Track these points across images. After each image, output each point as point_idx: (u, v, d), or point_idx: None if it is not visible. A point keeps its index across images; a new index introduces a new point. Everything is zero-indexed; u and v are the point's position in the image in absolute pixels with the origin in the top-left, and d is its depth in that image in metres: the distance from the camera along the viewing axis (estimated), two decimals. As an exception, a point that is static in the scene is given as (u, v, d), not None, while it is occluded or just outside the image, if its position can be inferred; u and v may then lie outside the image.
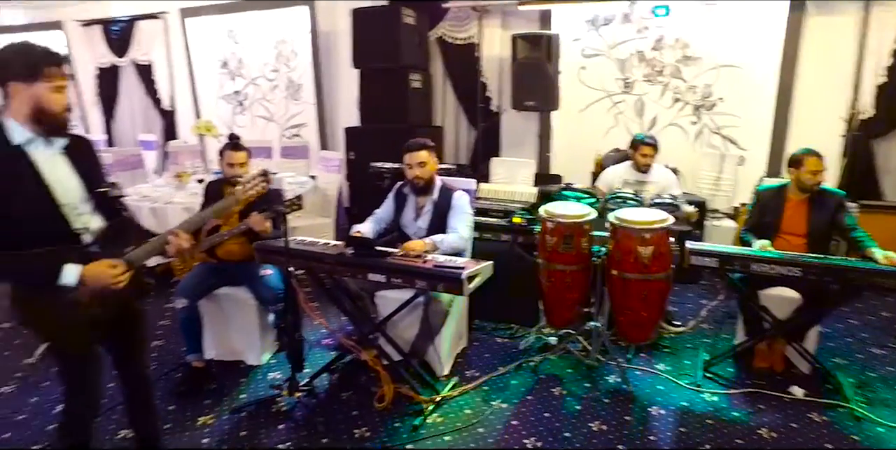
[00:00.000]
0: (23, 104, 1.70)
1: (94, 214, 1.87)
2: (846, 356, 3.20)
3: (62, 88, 1.73)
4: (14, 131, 1.72)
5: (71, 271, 1.72)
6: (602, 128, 5.36)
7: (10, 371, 3.18)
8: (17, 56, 1.68)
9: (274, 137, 6.78)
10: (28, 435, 2.60)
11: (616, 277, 2.80)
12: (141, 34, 7.35)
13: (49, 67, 1.69)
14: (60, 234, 1.78)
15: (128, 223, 1.95)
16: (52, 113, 1.72)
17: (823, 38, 4.54)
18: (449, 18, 5.58)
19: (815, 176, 2.97)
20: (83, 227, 1.82)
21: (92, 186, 1.85)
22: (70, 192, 1.80)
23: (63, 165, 1.81)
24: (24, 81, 1.68)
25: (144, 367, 2.18)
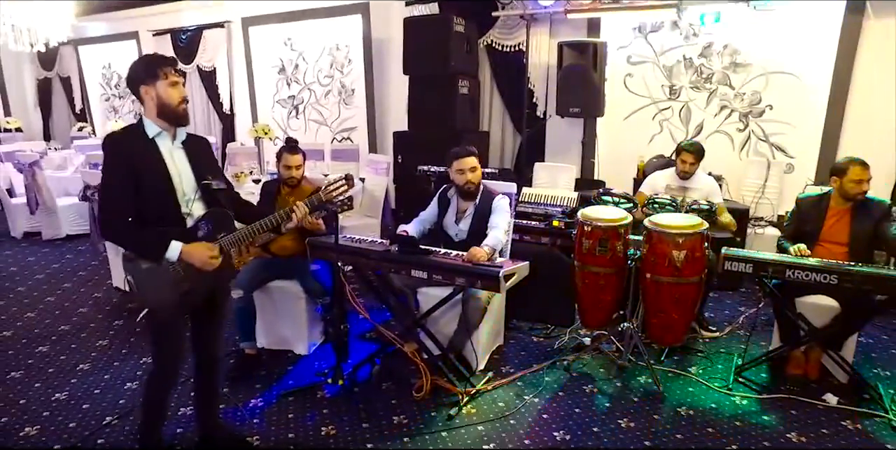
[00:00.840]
0: (151, 103, 2.05)
1: (200, 202, 2.16)
2: (889, 368, 3.16)
3: (177, 84, 2.06)
4: (148, 127, 2.08)
5: (175, 248, 2.04)
6: (647, 135, 5.39)
7: (88, 350, 3.50)
8: (140, 65, 2.07)
9: (325, 141, 7.09)
10: (103, 406, 2.88)
11: (649, 281, 2.87)
12: (206, 42, 7.83)
13: (164, 68, 2.03)
14: (171, 215, 2.09)
15: (222, 214, 2.20)
16: (171, 106, 2.05)
17: (883, 42, 4.43)
18: (498, 26, 5.73)
19: (860, 185, 2.96)
20: (188, 212, 2.13)
21: (201, 178, 2.15)
22: (184, 180, 2.12)
23: (181, 157, 2.14)
24: (148, 83, 2.03)
25: (216, 348, 2.43)
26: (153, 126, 2.08)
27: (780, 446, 2.50)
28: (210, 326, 2.36)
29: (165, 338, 2.22)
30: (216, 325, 2.39)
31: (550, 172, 4.99)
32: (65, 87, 10.19)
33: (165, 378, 2.27)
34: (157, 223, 2.07)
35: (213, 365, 2.44)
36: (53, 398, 2.95)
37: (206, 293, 2.23)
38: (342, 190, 2.45)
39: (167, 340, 2.22)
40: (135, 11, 8.39)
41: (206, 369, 2.43)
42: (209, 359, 2.41)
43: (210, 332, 2.37)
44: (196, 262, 2.07)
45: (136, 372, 3.22)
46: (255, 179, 4.88)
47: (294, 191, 3.44)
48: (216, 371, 2.47)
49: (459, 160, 3.18)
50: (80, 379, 3.16)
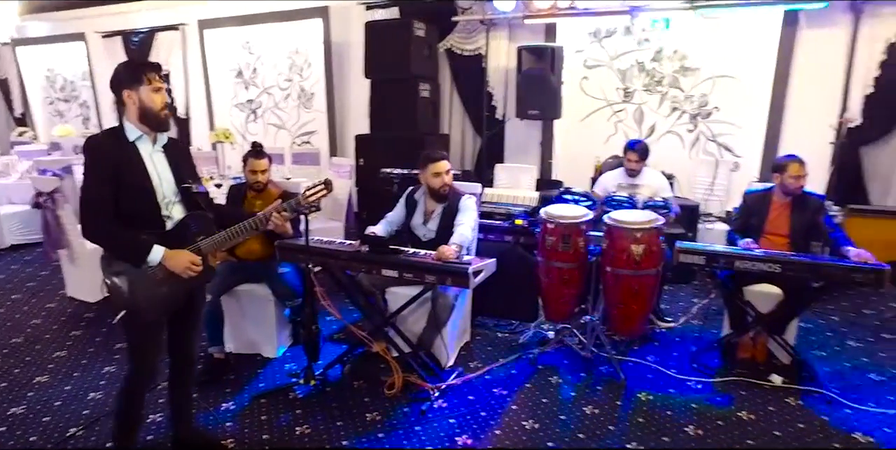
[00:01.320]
0: (133, 108, 2.08)
1: (179, 205, 2.19)
2: (825, 349, 3.41)
3: (160, 90, 2.10)
4: (129, 130, 2.11)
5: (157, 252, 2.08)
6: (603, 135, 5.60)
7: (44, 362, 3.41)
8: (125, 69, 2.10)
9: (285, 144, 7.06)
10: (66, 418, 2.82)
11: (610, 274, 3.02)
12: (160, 45, 7.68)
13: (148, 73, 2.07)
14: (152, 217, 2.12)
15: (203, 217, 2.23)
16: (153, 111, 2.08)
17: (815, 50, 4.77)
18: (458, 31, 5.85)
19: (798, 180, 3.18)
20: (168, 214, 2.15)
21: (181, 181, 2.18)
22: (164, 183, 2.15)
23: (161, 161, 2.17)
24: (132, 88, 2.06)
25: (193, 349, 2.44)
26: (134, 130, 2.10)
27: (732, 424, 2.68)
28: (187, 327, 2.37)
29: (143, 340, 2.22)
30: (193, 326, 2.40)
31: (511, 172, 5.12)
32: (2, 90, 9.78)
33: (142, 381, 2.27)
34: (137, 225, 2.09)
35: (188, 367, 2.45)
36: (10, 413, 2.86)
37: (185, 296, 2.25)
38: (321, 195, 2.48)
39: (145, 342, 2.22)
40: (81, 12, 8.14)
41: (182, 372, 2.44)
42: (185, 361, 2.42)
43: (187, 333, 2.38)
44: (177, 268, 2.10)
45: (98, 382, 3.16)
46: (216, 184, 4.84)
47: (260, 195, 3.46)
48: (191, 373, 2.49)
49: (435, 164, 3.26)
50: (37, 392, 3.07)
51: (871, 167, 4.77)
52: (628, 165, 3.98)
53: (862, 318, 3.76)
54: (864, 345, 3.48)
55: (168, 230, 2.15)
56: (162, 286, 2.13)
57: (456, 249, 2.89)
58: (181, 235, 2.18)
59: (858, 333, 3.58)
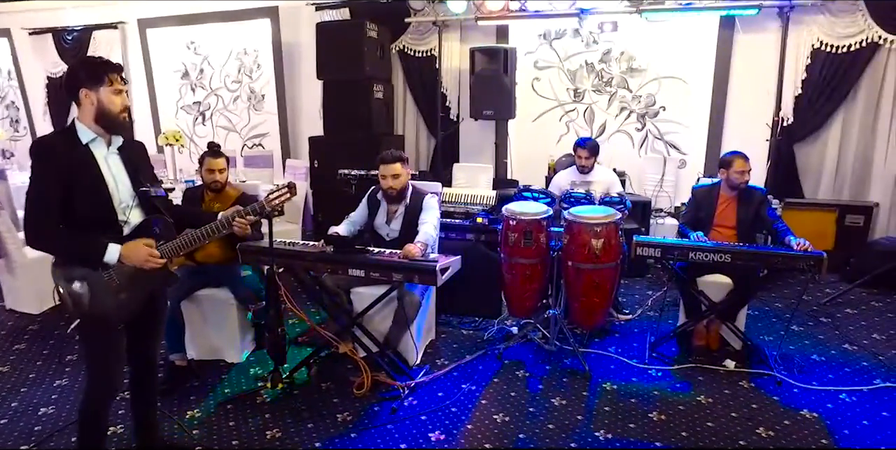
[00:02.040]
0: (90, 108, 1.97)
1: (137, 209, 2.10)
2: (771, 333, 3.62)
3: (121, 92, 2.00)
4: (82, 132, 1.99)
5: (113, 250, 1.98)
6: (555, 135, 5.74)
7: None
8: (84, 66, 1.98)
9: (236, 147, 6.89)
10: (15, 436, 2.68)
11: (571, 268, 3.11)
12: (97, 44, 7.33)
13: (110, 73, 1.97)
14: (108, 222, 2.03)
15: (162, 221, 2.15)
16: (112, 114, 1.98)
17: (750, 53, 5.05)
18: (410, 32, 5.87)
19: (742, 175, 3.37)
20: (125, 219, 2.06)
21: (138, 184, 2.09)
22: (121, 187, 2.05)
23: (117, 163, 2.06)
24: (91, 87, 1.95)
25: (154, 354, 2.36)
26: (87, 132, 2.00)
27: (692, 408, 2.81)
28: (148, 334, 2.29)
29: (103, 349, 2.12)
30: (154, 333, 2.33)
31: (469, 172, 5.18)
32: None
33: (105, 392, 2.16)
34: (93, 231, 2.00)
35: (150, 375, 2.37)
36: (-49, 434, 2.69)
37: (145, 301, 2.16)
38: (285, 199, 2.40)
39: (105, 351, 2.12)
40: (4, 6, 7.64)
41: (144, 380, 2.35)
42: (147, 369, 2.34)
43: (148, 340, 2.31)
44: (136, 261, 2.01)
45: (50, 396, 3.01)
46: (167, 188, 4.66)
47: (219, 196, 3.38)
48: (154, 382, 2.41)
49: (384, 166, 3.26)
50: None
51: (804, 163, 5.09)
52: (579, 162, 4.11)
53: (802, 304, 4.01)
54: (805, 329, 3.72)
55: (125, 235, 2.06)
56: (121, 292, 2.04)
57: (422, 246, 2.92)
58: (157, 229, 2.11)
59: (800, 319, 3.82)
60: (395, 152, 3.29)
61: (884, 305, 4.12)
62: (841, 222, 4.77)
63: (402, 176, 3.27)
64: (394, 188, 3.27)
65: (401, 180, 3.27)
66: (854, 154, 4.90)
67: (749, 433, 2.60)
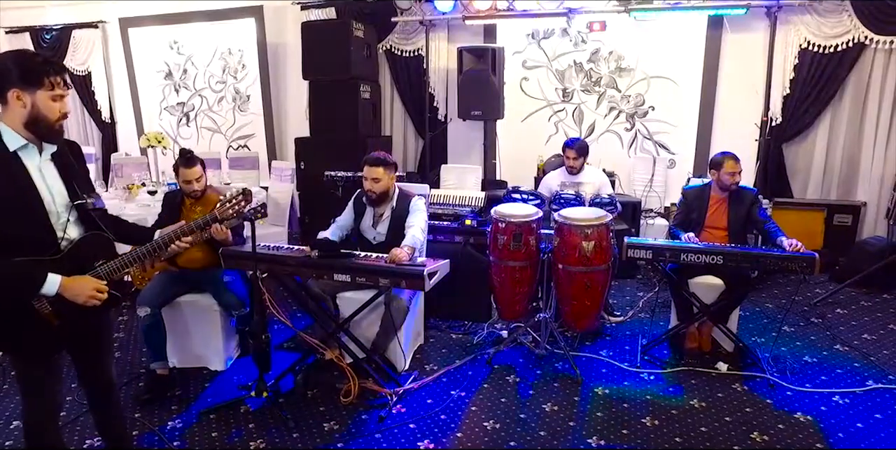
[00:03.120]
0: (20, 111, 1.72)
1: (75, 224, 1.87)
2: (763, 335, 3.59)
3: (62, 97, 1.77)
4: (8, 137, 1.74)
5: (53, 281, 1.74)
6: (544, 135, 5.70)
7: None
8: (18, 64, 1.71)
9: (221, 149, 6.78)
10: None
11: (562, 271, 3.06)
12: (77, 43, 7.18)
13: (50, 76, 1.72)
14: (43, 241, 1.79)
15: (102, 239, 1.92)
16: (47, 120, 1.75)
17: (739, 53, 5.05)
18: (397, 31, 5.80)
19: (733, 177, 3.34)
20: (63, 236, 1.82)
21: (75, 194, 1.86)
22: (56, 199, 1.82)
23: (51, 173, 1.83)
24: (24, 89, 1.70)
25: (110, 373, 2.15)
26: (16, 137, 1.74)
27: (685, 412, 2.77)
28: (97, 353, 2.07)
29: (33, 381, 1.88)
30: (102, 351, 2.10)
31: (457, 173, 5.12)
32: None
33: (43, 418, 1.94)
34: (24, 251, 1.74)
35: (109, 394, 2.15)
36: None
37: (82, 326, 1.92)
38: (238, 207, 2.23)
39: (35, 383, 1.88)
40: (-23, 4, 7.50)
41: (103, 399, 2.15)
42: (103, 388, 2.13)
43: (97, 360, 2.08)
44: (79, 298, 1.77)
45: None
46: (149, 191, 4.57)
47: (199, 201, 3.28)
48: (115, 399, 2.20)
49: (366, 168, 3.19)
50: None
51: (792, 163, 5.09)
52: (568, 163, 4.07)
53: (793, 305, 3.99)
54: (797, 330, 3.70)
55: (61, 255, 1.80)
56: (52, 320, 1.79)
57: (409, 250, 2.86)
58: (77, 260, 1.83)
59: (791, 320, 3.80)
60: (380, 155, 3.21)
61: (873, 304, 4.11)
62: (829, 222, 4.78)
63: (383, 181, 3.18)
64: (373, 191, 3.20)
65: (381, 185, 3.19)
66: (841, 154, 4.91)
67: (743, 438, 2.56)
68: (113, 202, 4.55)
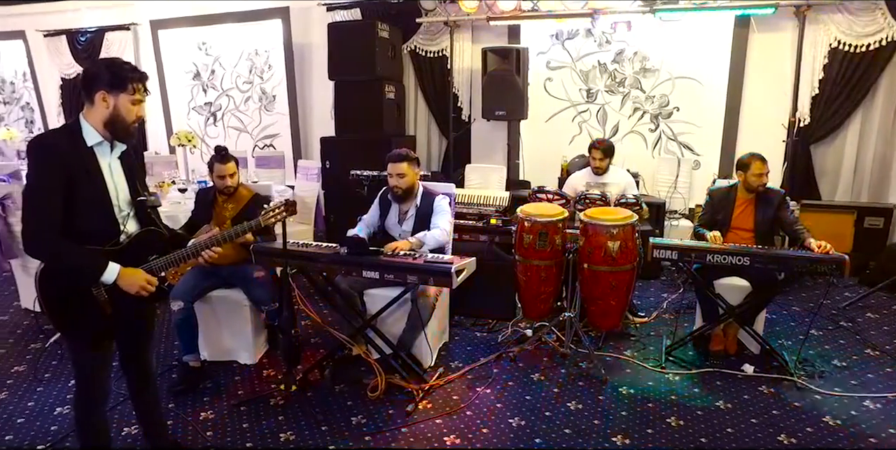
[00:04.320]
0: (103, 111, 1.88)
1: (134, 219, 2.02)
2: (790, 338, 3.56)
3: (140, 102, 1.92)
4: (87, 133, 1.90)
5: (112, 270, 1.89)
6: (567, 136, 5.69)
7: (3, 378, 3.23)
8: (109, 69, 1.88)
9: (247, 148, 6.89)
10: (31, 436, 2.69)
11: (587, 270, 3.07)
12: (110, 45, 7.36)
13: (134, 83, 1.88)
14: (107, 233, 1.94)
15: (156, 234, 2.06)
16: (124, 122, 1.90)
17: (766, 53, 4.99)
18: (422, 32, 5.84)
19: (760, 178, 3.32)
20: (123, 229, 1.98)
21: (136, 192, 2.02)
22: (121, 195, 1.98)
23: (118, 170, 1.99)
24: (111, 91, 1.86)
25: (151, 361, 2.30)
26: (94, 134, 1.90)
27: (711, 413, 2.77)
28: (139, 343, 2.23)
29: (89, 361, 2.04)
30: (145, 342, 2.26)
31: (482, 173, 5.15)
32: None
33: (93, 402, 2.11)
34: (90, 241, 1.90)
35: (147, 382, 2.31)
36: (-32, 433, 2.69)
37: (132, 314, 2.07)
38: (281, 217, 2.38)
39: (91, 363, 2.04)
40: (19, 8, 7.70)
41: (143, 388, 2.31)
42: (144, 377, 2.29)
43: (140, 350, 2.25)
44: (131, 288, 1.91)
45: (65, 396, 3.02)
46: (180, 189, 4.68)
47: (231, 198, 3.37)
48: (153, 388, 2.34)
49: (391, 165, 3.25)
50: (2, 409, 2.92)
51: (821, 164, 5.02)
52: (594, 164, 4.07)
53: (822, 308, 3.95)
54: (825, 333, 3.66)
55: (120, 247, 1.95)
56: (107, 307, 1.94)
57: (413, 241, 2.99)
58: (134, 252, 1.98)
59: (819, 323, 3.76)
60: (402, 151, 3.27)
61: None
62: (860, 224, 4.70)
63: (409, 176, 3.24)
64: (399, 187, 3.26)
65: (406, 180, 3.25)
66: (873, 155, 4.83)
67: (770, 440, 2.55)
68: (145, 200, 4.66)
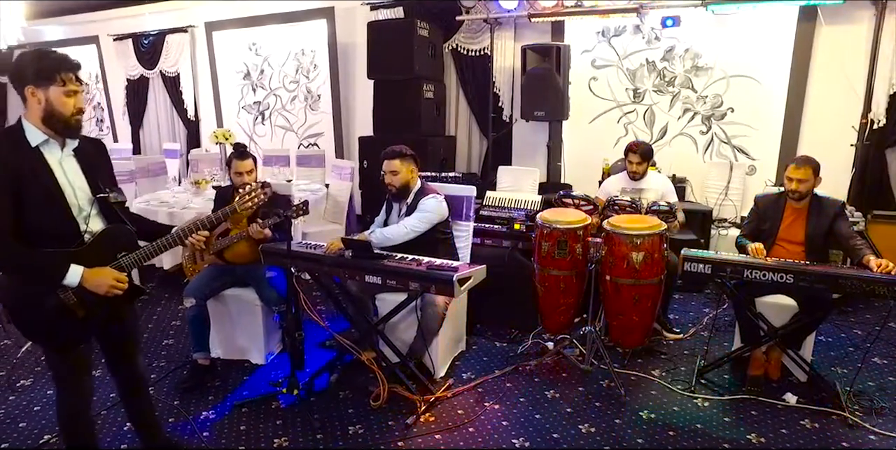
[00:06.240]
0: (36, 107, 1.79)
1: (98, 217, 1.94)
2: (846, 365, 3.17)
3: (74, 93, 1.82)
4: (30, 133, 1.82)
5: (75, 272, 1.81)
6: (612, 137, 5.40)
7: (31, 365, 3.34)
8: (33, 62, 1.79)
9: (292, 147, 6.98)
10: (43, 424, 2.74)
11: (609, 283, 2.84)
12: (169, 47, 7.66)
13: (63, 73, 1.79)
14: (66, 233, 1.86)
15: (124, 231, 1.97)
16: (62, 116, 1.80)
17: (835, 47, 4.54)
18: (462, 30, 5.71)
19: (790, 183, 2.95)
20: (86, 229, 1.89)
21: (97, 189, 1.92)
22: (78, 193, 1.88)
23: (73, 167, 1.89)
24: (39, 86, 1.78)
25: (138, 365, 2.23)
26: (36, 133, 1.81)
27: (739, 447, 2.47)
28: (123, 346, 2.16)
29: (63, 370, 1.98)
30: (129, 344, 2.18)
31: (514, 175, 4.95)
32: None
33: (75, 405, 2.05)
34: (50, 243, 1.82)
35: (138, 386, 2.26)
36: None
37: (106, 316, 1.98)
38: (259, 199, 2.25)
39: (66, 371, 1.98)
40: (93, 15, 8.17)
41: (132, 392, 2.26)
42: (132, 380, 2.23)
43: (125, 353, 2.17)
44: (100, 289, 1.84)
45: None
46: (214, 186, 4.75)
47: (248, 196, 3.34)
48: (143, 392, 2.30)
49: (384, 162, 3.14)
50: (19, 396, 3.00)
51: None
52: (630, 168, 3.79)
53: (887, 332, 3.51)
54: (890, 362, 3.23)
55: (84, 246, 1.87)
56: (78, 310, 1.87)
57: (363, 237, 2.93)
58: (100, 251, 1.90)
59: (883, 349, 3.34)
60: (396, 148, 3.15)
61: None
62: (938, 240, 4.18)
63: (402, 173, 3.12)
64: (392, 185, 3.15)
65: (400, 177, 3.12)
66: (957, 161, 4.30)
67: (806, 484, 2.25)
68: (182, 196, 4.77)
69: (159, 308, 4.16)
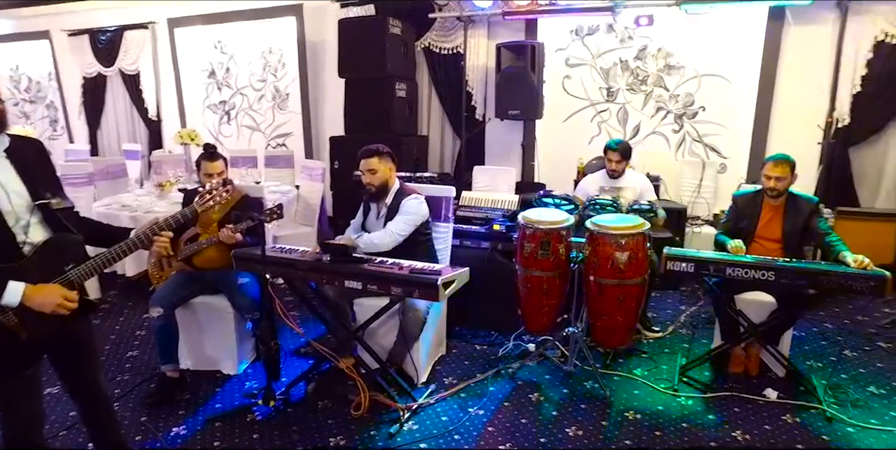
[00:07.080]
0: None
1: (40, 226, 1.75)
2: (820, 359, 3.23)
3: None
4: None
5: (15, 291, 1.62)
6: (586, 136, 5.41)
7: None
8: None
9: (259, 147, 6.79)
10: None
11: (593, 283, 2.81)
12: (128, 43, 7.36)
13: None
14: (2, 246, 1.66)
15: (69, 239, 1.78)
16: None
17: (802, 48, 4.63)
18: (435, 28, 5.64)
19: (768, 181, 2.99)
20: (26, 240, 1.70)
21: (37, 194, 1.73)
22: (14, 200, 1.68)
23: (6, 171, 1.70)
24: None
25: (98, 383, 2.02)
26: None
27: (726, 445, 2.47)
28: (78, 365, 1.94)
29: (8, 392, 1.74)
30: (86, 362, 1.96)
31: (490, 175, 4.90)
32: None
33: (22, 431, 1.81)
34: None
35: (101, 406, 2.05)
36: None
37: (56, 335, 1.78)
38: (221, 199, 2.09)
39: (12, 394, 1.75)
40: (44, 9, 7.78)
41: (95, 414, 2.05)
42: (93, 400, 2.02)
43: (82, 373, 1.95)
44: (45, 307, 1.64)
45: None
46: (180, 188, 4.56)
47: (218, 199, 3.20)
48: (107, 410, 2.09)
49: (361, 161, 3.07)
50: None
51: (860, 168, 4.64)
52: (610, 166, 3.78)
53: (856, 325, 3.59)
54: (861, 354, 3.30)
55: (24, 260, 1.67)
56: (21, 333, 1.66)
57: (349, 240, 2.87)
58: (44, 265, 1.70)
59: (854, 342, 3.41)
60: (373, 146, 3.08)
61: (953, 328, 3.66)
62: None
63: (380, 172, 3.04)
64: (371, 184, 3.07)
65: (378, 176, 3.05)
66: (920, 159, 4.43)
67: (792, 480, 2.26)
68: (145, 199, 4.57)
69: (122, 318, 3.96)
